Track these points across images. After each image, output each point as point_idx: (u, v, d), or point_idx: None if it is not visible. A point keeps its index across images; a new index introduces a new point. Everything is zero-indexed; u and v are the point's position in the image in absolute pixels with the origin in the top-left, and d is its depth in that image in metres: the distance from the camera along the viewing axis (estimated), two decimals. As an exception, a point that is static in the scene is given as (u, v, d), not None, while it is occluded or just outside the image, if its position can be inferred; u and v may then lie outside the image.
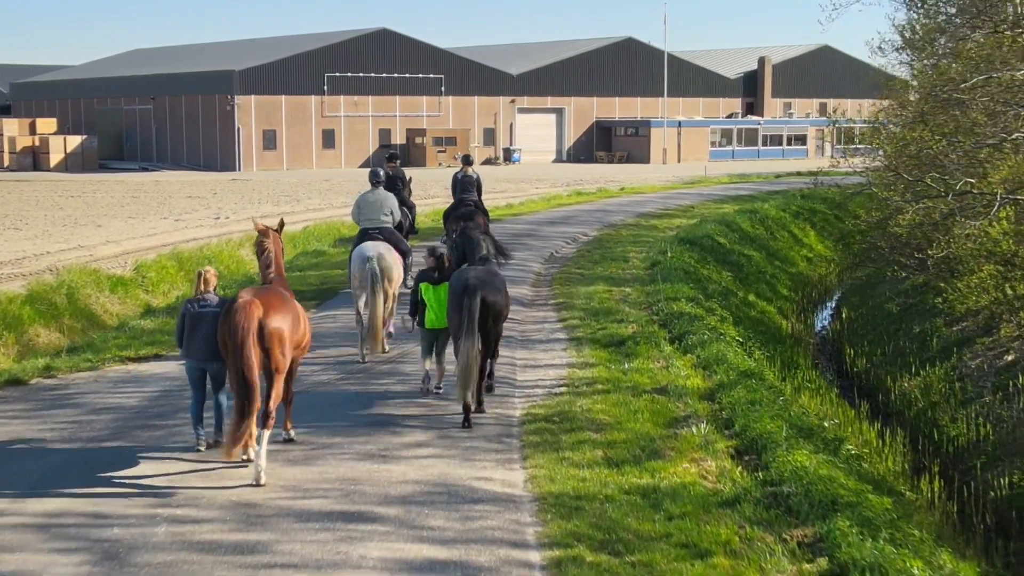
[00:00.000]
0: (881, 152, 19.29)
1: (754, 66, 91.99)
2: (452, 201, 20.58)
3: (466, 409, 11.01)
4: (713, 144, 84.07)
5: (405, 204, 18.38)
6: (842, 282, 31.89)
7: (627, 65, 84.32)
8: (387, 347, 14.16)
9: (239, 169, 67.54)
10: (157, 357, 14.68)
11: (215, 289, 10.38)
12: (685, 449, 10.24)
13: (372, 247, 14.09)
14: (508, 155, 76.60)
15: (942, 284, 17.87)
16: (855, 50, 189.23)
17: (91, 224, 36.18)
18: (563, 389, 12.62)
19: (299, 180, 59.25)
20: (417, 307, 12.21)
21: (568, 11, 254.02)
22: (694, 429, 10.82)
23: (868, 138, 16.84)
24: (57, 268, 25.56)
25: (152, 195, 49.59)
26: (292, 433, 10.50)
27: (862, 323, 23.71)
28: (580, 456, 10.00)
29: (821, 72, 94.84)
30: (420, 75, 73.64)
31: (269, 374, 9.58)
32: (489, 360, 11.76)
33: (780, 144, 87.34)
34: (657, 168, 72.23)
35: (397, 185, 18.70)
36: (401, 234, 16.18)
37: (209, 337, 9.79)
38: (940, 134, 15.96)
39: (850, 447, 12.17)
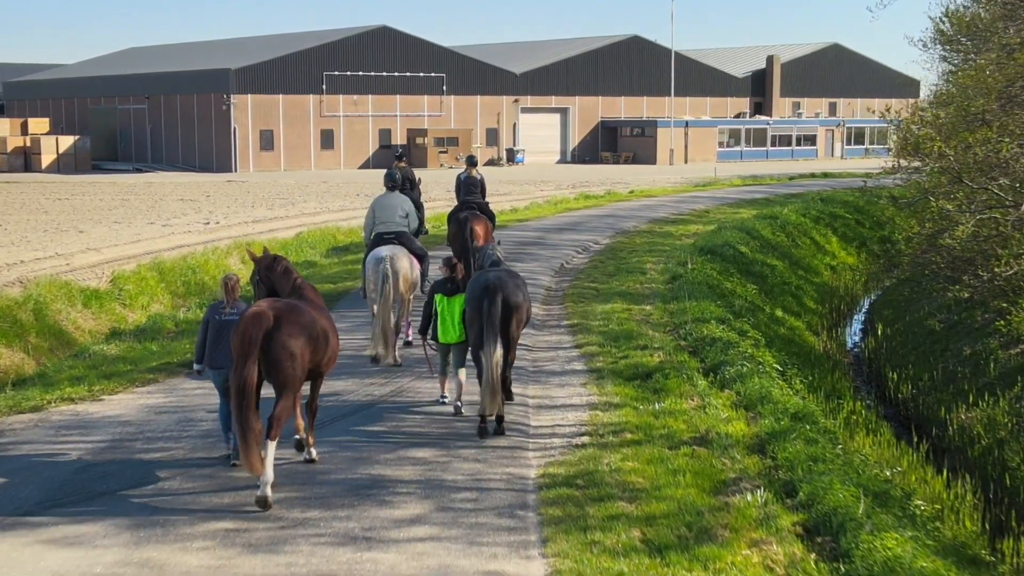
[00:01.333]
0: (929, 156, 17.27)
1: (762, 65, 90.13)
2: (456, 204, 19.57)
3: (497, 419, 10.59)
4: (721, 144, 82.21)
5: (415, 204, 17.46)
6: (869, 292, 29.99)
7: (633, 64, 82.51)
8: (399, 358, 13.59)
9: (235, 170, 65.81)
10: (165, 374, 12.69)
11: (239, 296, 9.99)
12: (741, 527, 8.29)
13: (386, 249, 13.80)
14: (511, 156, 74.78)
15: (1004, 304, 15.89)
16: (866, 48, 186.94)
17: (73, 230, 34.24)
18: (586, 439, 10.65)
19: (296, 182, 57.53)
20: (430, 321, 11.47)
21: (573, 9, 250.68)
22: (749, 497, 8.86)
23: (924, 142, 14.87)
24: (27, 280, 23.62)
25: (143, 198, 47.73)
26: (314, 453, 9.92)
27: (901, 341, 21.74)
28: (613, 538, 8.03)
29: (831, 71, 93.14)
30: (421, 74, 71.82)
31: (277, 389, 9.02)
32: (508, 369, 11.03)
33: (789, 144, 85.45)
34: (664, 169, 70.28)
35: (406, 186, 17.80)
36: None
37: None
38: (1009, 136, 13.99)
39: (920, 503, 10.26)
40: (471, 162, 19.50)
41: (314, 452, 9.89)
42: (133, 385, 12.84)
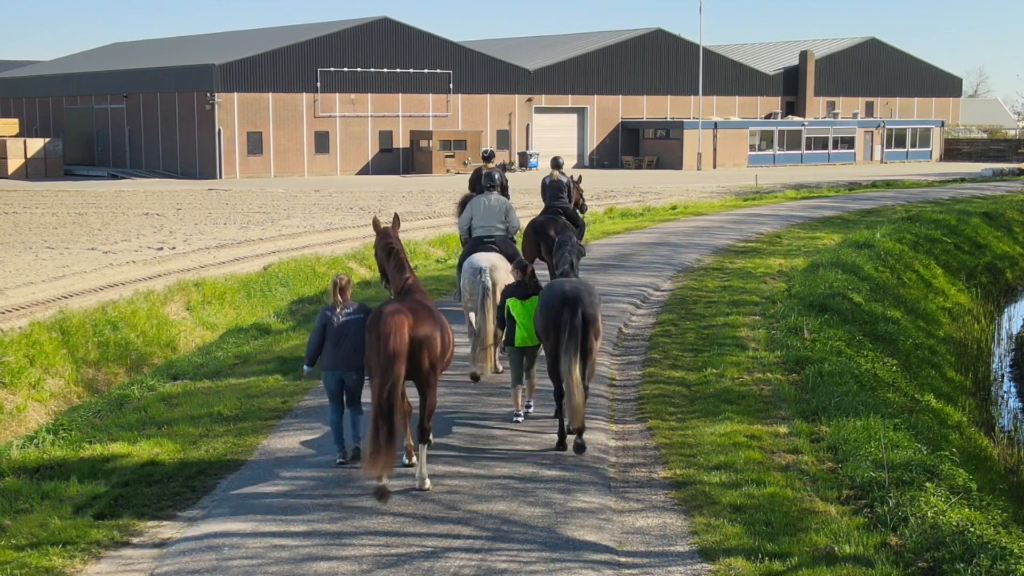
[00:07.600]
0: None
1: (795, 61, 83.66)
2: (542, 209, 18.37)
3: (574, 432, 10.24)
4: (752, 148, 75.76)
5: None
6: (1002, 343, 23.43)
7: (656, 60, 76.60)
8: (500, 366, 12.99)
9: (220, 176, 60.05)
10: None
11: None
12: None
13: (484, 258, 13.21)
14: (524, 160, 68.67)
15: None
16: (905, 44, 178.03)
17: (-9, 259, 27.57)
18: None
19: (285, 190, 51.39)
20: (503, 325, 11.41)
21: (590, 0, 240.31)
22: None
23: None
24: None
25: (104, 211, 41.34)
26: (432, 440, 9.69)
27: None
28: None
29: (867, 68, 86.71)
30: (426, 70, 66.42)
31: (422, 388, 9.34)
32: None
33: (825, 147, 78.84)
34: (693, 175, 63.71)
35: None
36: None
37: (358, 346, 9.64)
38: None
39: None
40: (556, 164, 18.11)
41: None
42: None
